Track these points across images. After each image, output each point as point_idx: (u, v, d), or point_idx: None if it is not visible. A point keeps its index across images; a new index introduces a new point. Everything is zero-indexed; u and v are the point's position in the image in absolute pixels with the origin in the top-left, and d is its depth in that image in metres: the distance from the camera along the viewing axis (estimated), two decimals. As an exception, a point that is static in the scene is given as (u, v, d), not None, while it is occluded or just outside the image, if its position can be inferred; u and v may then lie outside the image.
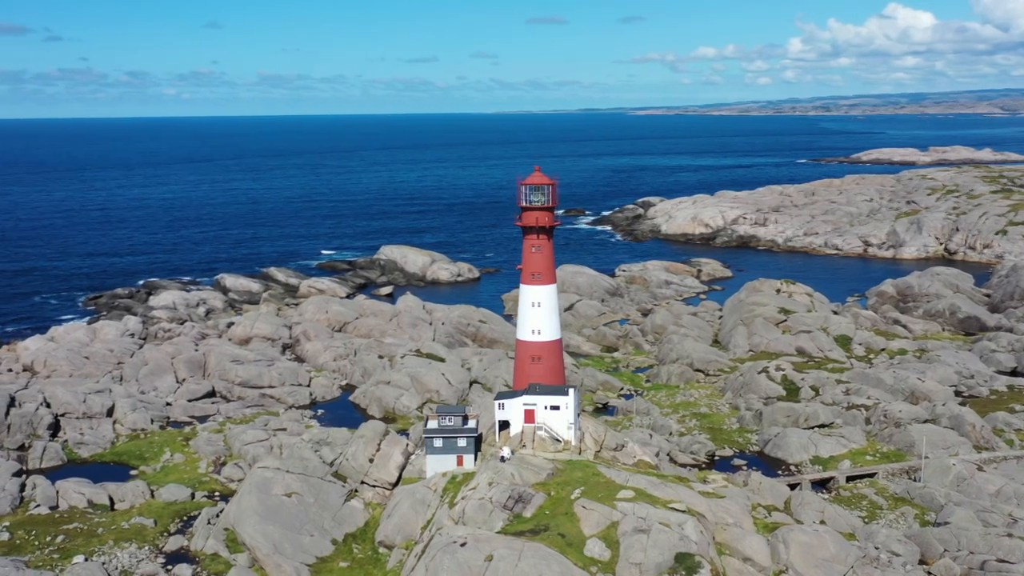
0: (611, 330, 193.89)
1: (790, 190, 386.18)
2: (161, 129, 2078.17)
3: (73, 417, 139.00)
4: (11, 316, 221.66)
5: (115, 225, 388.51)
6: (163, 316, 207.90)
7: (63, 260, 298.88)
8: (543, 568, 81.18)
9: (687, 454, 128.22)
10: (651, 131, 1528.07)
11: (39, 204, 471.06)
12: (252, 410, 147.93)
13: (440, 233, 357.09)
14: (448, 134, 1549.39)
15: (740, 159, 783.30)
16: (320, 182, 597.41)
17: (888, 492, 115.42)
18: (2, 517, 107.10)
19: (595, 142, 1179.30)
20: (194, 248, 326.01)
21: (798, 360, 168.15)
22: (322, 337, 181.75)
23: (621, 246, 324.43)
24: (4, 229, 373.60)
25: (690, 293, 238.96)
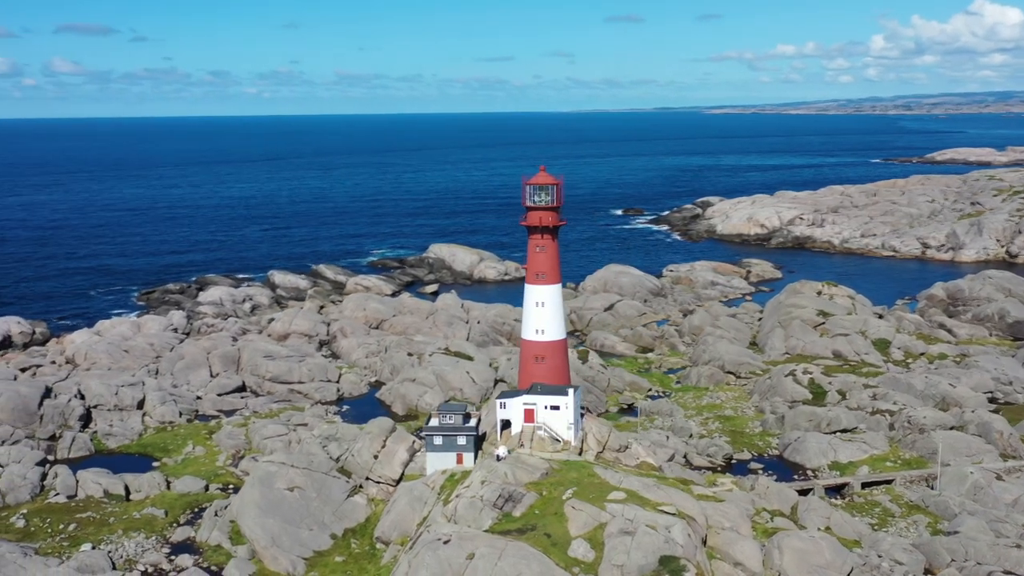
0: (647, 331, 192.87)
1: (851, 190, 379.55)
2: (242, 127, 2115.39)
3: (105, 409, 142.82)
4: (68, 310, 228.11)
5: (179, 222, 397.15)
6: (209, 311, 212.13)
7: (124, 256, 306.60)
8: (522, 567, 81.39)
9: (704, 457, 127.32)
10: (724, 130, 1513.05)
11: (111, 201, 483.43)
12: (279, 405, 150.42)
13: (496, 232, 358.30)
14: (522, 133, 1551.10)
15: (811, 159, 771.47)
16: (385, 181, 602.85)
17: (903, 500, 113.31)
18: (21, 505, 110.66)
19: (666, 141, 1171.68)
20: (252, 245, 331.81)
21: (832, 364, 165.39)
22: (358, 334, 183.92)
23: (675, 246, 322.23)
24: (74, 225, 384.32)
25: (736, 294, 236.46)
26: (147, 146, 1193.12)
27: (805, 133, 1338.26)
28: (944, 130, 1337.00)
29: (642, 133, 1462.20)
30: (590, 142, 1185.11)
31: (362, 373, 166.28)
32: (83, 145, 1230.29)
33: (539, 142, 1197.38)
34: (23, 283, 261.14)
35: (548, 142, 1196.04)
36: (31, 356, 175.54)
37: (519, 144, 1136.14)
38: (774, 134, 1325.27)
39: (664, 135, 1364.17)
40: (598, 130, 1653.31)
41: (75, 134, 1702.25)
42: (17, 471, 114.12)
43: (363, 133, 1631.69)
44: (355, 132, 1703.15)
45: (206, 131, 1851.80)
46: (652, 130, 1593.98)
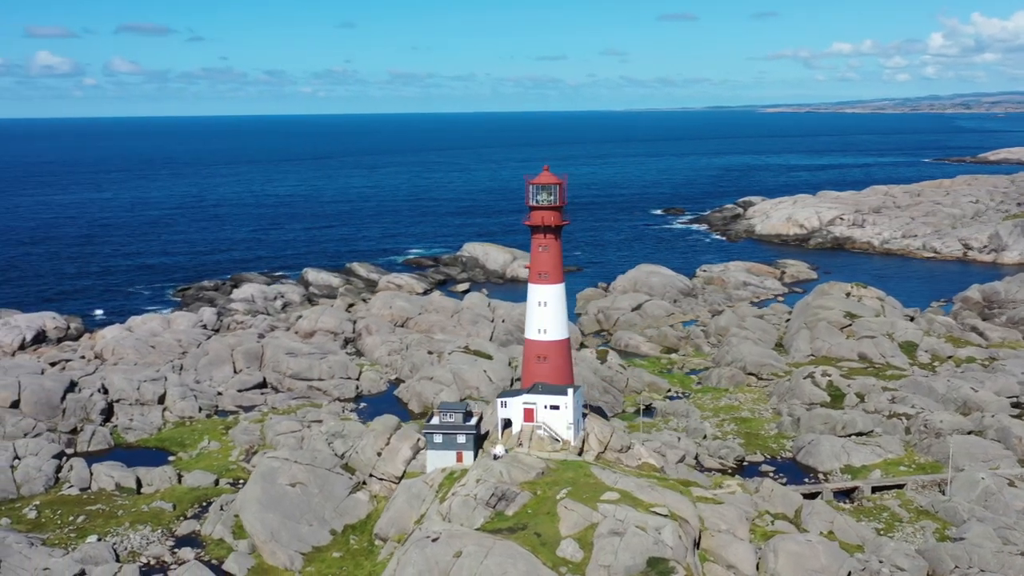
0: (673, 331, 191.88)
1: (895, 190, 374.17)
2: (295, 126, 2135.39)
3: (126, 403, 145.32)
4: (106, 305, 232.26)
5: (224, 219, 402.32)
6: (240, 308, 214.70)
7: (166, 253, 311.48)
8: (508, 566, 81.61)
9: (715, 458, 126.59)
10: (777, 129, 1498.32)
11: (160, 199, 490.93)
12: (297, 401, 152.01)
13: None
14: (574, 132, 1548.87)
15: (862, 158, 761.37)
16: (431, 180, 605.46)
17: (913, 505, 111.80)
18: (35, 496, 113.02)
19: (717, 140, 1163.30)
20: (291, 243, 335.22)
21: (857, 366, 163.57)
22: (383, 332, 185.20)
23: (712, 246, 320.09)
24: (121, 223, 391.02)
25: (768, 295, 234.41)
26: (201, 145, 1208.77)
27: (859, 132, 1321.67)
28: (1002, 129, 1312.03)
29: (694, 132, 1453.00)
30: (640, 141, 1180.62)
31: (383, 371, 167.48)
32: (139, 144, 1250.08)
33: (590, 141, 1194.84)
34: (65, 279, 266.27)
35: (599, 141, 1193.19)
36: (62, 351, 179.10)
37: (570, 143, 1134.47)
38: (828, 133, 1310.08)
39: (716, 134, 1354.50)
40: (650, 129, 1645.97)
41: (132, 133, 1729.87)
42: (33, 463, 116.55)
43: (415, 132, 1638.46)
44: (407, 131, 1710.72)
45: (260, 130, 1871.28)
46: (704, 129, 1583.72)
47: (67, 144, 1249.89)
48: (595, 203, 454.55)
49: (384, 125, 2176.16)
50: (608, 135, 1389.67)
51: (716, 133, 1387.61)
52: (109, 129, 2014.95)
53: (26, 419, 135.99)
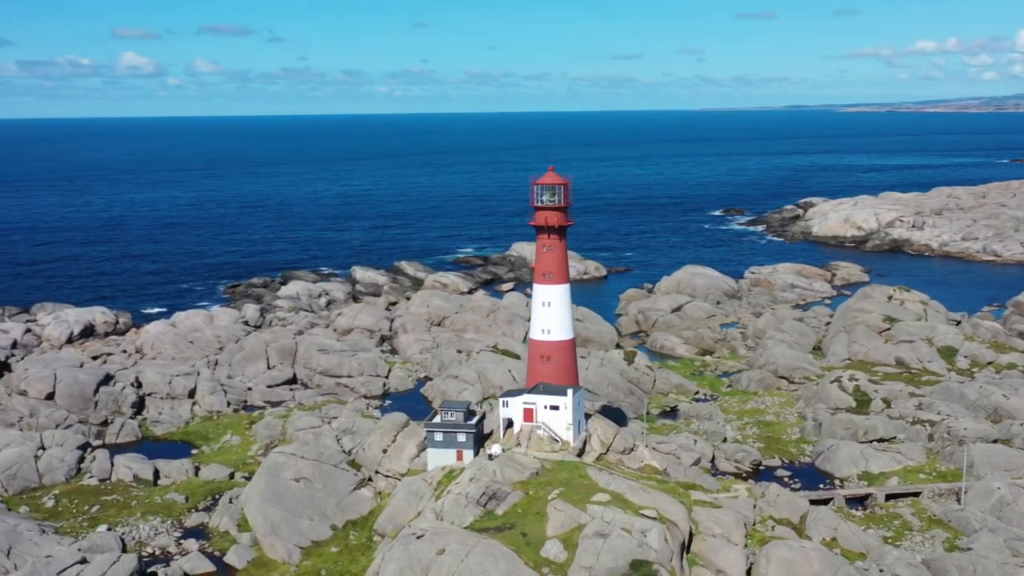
0: (710, 333, 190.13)
1: (959, 192, 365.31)
2: (371, 126, 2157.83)
3: (158, 397, 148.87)
4: (160, 301, 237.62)
5: (285, 217, 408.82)
6: (284, 305, 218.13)
7: (224, 250, 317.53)
8: (488, 565, 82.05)
9: (731, 462, 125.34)
10: (855, 129, 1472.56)
11: (227, 197, 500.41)
12: (324, 398, 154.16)
13: (588, 230, 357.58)
14: (648, 131, 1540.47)
15: (938, 159, 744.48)
16: (495, 179, 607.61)
17: (926, 513, 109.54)
18: (56, 485, 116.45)
19: (791, 140, 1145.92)
20: (348, 241, 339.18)
21: (892, 371, 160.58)
22: (418, 330, 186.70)
23: (767, 247, 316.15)
24: (185, 221, 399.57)
25: (815, 297, 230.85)
26: (276, 144, 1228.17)
27: (939, 132, 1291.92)
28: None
29: (768, 132, 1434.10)
30: (712, 141, 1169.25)
31: (412, 369, 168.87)
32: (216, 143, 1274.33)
33: (662, 141, 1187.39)
34: (123, 275, 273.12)
35: (671, 141, 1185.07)
36: (107, 345, 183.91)
37: (641, 143, 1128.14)
38: (906, 133, 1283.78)
39: (791, 134, 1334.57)
40: (724, 129, 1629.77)
41: (212, 132, 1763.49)
42: (56, 454, 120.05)
43: (488, 132, 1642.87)
44: (481, 130, 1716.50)
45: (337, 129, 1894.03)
46: (779, 129, 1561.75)
47: (148, 143, 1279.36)
48: (656, 203, 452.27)
49: (459, 124, 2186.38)
50: (681, 135, 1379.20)
51: (791, 133, 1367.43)
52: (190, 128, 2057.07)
53: (59, 410, 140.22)
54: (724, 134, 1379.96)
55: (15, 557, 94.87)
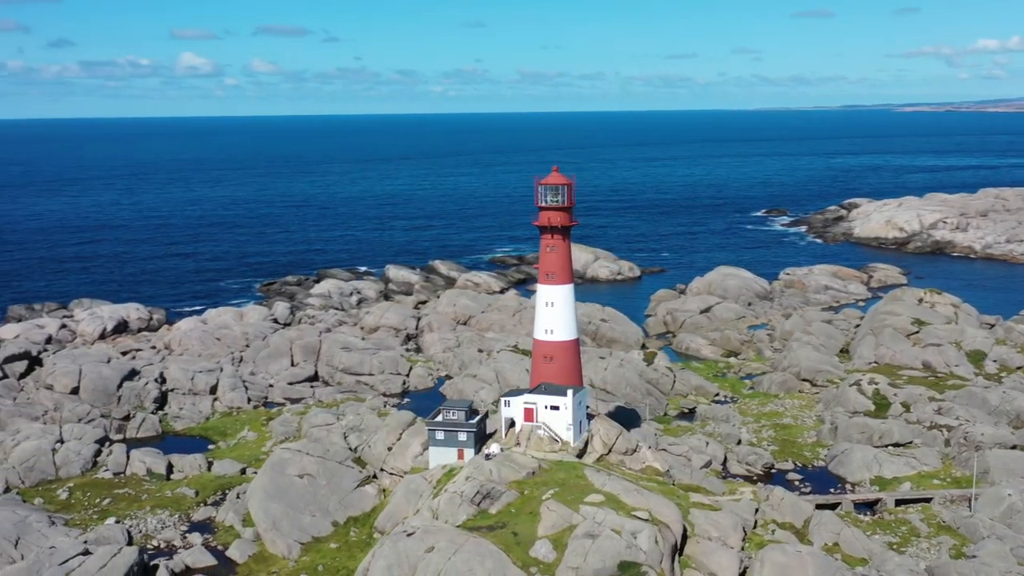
0: (737, 334, 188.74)
1: (1007, 193, 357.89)
2: (426, 125, 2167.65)
3: (180, 393, 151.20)
4: (196, 298, 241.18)
5: (329, 216, 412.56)
6: (315, 303, 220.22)
7: (265, 248, 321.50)
8: (475, 564, 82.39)
9: (743, 465, 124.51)
10: (912, 129, 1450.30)
11: (274, 196, 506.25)
12: (344, 395, 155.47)
13: (628, 231, 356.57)
14: (701, 131, 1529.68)
15: (991, 159, 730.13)
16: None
17: (936, 519, 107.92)
18: (71, 478, 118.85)
19: (846, 140, 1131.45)
20: (387, 240, 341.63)
21: (918, 375, 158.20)
22: (443, 329, 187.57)
23: (806, 249, 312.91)
24: (231, 218, 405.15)
25: (849, 300, 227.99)
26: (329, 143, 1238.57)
27: (998, 132, 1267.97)
28: None
29: (822, 132, 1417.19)
30: (764, 141, 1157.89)
31: (433, 367, 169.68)
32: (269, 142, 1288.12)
33: (714, 141, 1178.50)
34: (164, 272, 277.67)
35: (723, 140, 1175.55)
36: (138, 341, 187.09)
37: (693, 143, 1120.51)
38: (964, 133, 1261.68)
39: (845, 134, 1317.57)
40: (777, 129, 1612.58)
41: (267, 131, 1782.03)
42: (73, 447, 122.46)
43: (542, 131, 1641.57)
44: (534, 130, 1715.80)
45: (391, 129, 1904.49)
46: (834, 129, 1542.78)
47: (204, 143, 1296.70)
48: (699, 204, 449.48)
49: (511, 124, 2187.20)
50: (733, 135, 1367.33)
51: (845, 133, 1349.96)
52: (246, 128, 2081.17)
53: (83, 405, 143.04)
54: (777, 134, 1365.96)
55: (23, 547, 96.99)
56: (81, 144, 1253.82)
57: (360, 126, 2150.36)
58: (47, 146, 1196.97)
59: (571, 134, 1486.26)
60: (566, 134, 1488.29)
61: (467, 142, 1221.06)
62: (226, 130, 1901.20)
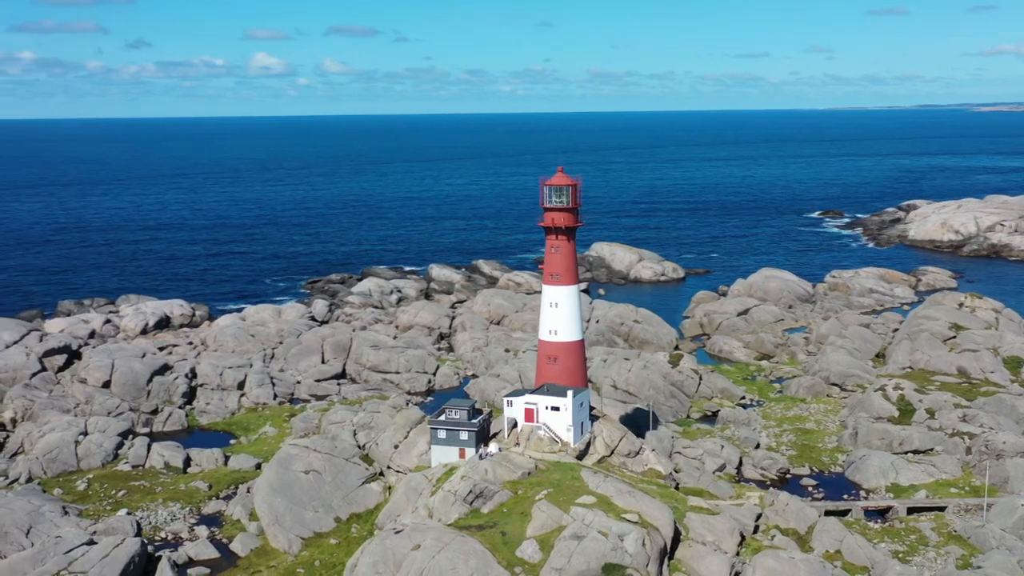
0: (771, 338, 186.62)
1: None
2: (494, 125, 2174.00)
3: (208, 388, 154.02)
4: (242, 295, 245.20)
5: (382, 215, 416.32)
6: (355, 301, 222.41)
7: (316, 246, 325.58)
8: (458, 562, 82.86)
9: (757, 469, 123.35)
10: (987, 129, 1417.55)
11: (332, 195, 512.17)
12: (368, 393, 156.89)
13: (680, 233, 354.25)
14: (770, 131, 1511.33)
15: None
16: (598, 179, 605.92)
17: (947, 529, 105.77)
18: (91, 470, 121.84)
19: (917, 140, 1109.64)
20: (437, 239, 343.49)
21: (952, 381, 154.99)
22: (475, 329, 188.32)
23: (857, 251, 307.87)
24: (288, 216, 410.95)
25: (894, 303, 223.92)
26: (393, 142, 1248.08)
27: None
28: None
29: (894, 132, 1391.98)
30: (833, 141, 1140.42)
31: (461, 366, 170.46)
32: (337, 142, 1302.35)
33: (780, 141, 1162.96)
34: (215, 270, 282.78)
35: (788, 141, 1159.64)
36: (177, 336, 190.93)
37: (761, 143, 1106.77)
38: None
39: (918, 134, 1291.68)
40: (848, 129, 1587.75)
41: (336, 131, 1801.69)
42: (96, 440, 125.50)
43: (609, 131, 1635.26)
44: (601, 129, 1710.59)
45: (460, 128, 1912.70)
46: (906, 129, 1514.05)
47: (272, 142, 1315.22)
48: (755, 205, 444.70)
49: (580, 124, 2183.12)
50: (802, 135, 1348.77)
51: (918, 133, 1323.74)
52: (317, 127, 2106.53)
53: (113, 398, 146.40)
54: (847, 134, 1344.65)
55: (33, 536, 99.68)
56: (155, 143, 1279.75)
57: (428, 125, 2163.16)
58: (121, 145, 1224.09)
59: (638, 133, 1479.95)
60: (632, 134, 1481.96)
61: (532, 142, 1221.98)
62: (297, 130, 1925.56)
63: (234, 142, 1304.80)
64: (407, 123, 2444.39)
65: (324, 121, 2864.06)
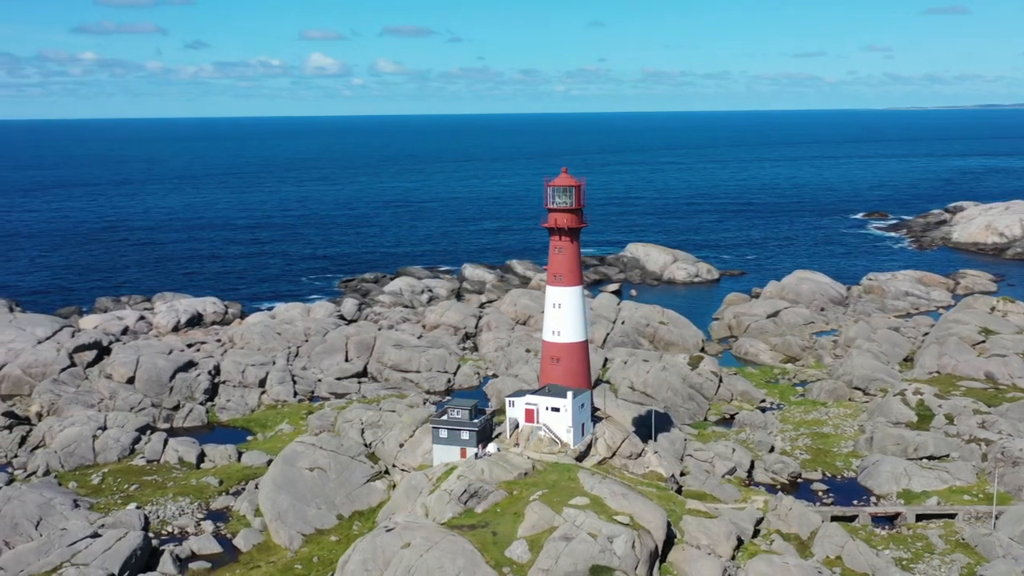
0: (798, 340, 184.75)
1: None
2: (547, 124, 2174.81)
3: (230, 385, 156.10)
4: (278, 294, 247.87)
5: (425, 215, 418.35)
6: (386, 300, 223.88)
7: (355, 245, 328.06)
8: (445, 561, 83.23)
9: (768, 473, 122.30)
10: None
11: (375, 193, 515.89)
12: (387, 391, 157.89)
13: (720, 235, 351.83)
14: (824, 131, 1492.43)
15: None
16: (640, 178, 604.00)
17: (955, 536, 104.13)
18: (107, 464, 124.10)
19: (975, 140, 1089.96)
20: (476, 239, 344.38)
21: (978, 386, 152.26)
22: (501, 329, 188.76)
23: (899, 253, 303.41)
24: (331, 215, 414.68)
25: (929, 307, 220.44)
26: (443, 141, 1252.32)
27: None
28: None
29: (951, 132, 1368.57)
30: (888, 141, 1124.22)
31: (483, 366, 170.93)
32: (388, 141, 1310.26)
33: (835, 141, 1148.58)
34: (252, 268, 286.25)
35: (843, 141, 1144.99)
36: (207, 333, 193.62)
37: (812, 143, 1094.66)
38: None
39: (977, 134, 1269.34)
40: (906, 128, 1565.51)
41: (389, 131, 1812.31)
42: (113, 435, 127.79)
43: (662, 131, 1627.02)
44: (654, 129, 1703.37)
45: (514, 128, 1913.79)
46: (965, 129, 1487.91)
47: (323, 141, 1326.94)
48: (799, 206, 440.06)
49: (633, 124, 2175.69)
50: (859, 135, 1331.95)
51: (978, 133, 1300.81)
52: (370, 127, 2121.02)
53: (136, 394, 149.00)
54: (903, 135, 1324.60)
55: (43, 528, 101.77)
56: (211, 143, 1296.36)
57: (481, 125, 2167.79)
58: (178, 144, 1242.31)
59: (690, 133, 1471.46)
60: (684, 133, 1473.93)
61: (583, 142, 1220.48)
62: (351, 129, 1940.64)
63: (287, 142, 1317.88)
64: (460, 123, 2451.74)
65: (378, 121, 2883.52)
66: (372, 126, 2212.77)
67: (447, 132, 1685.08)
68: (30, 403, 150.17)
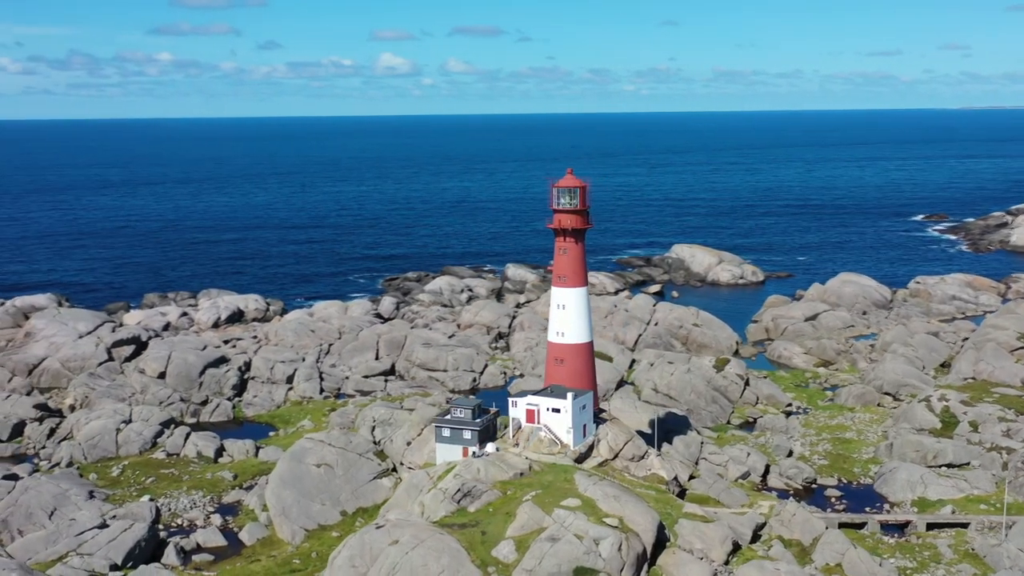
0: (833, 344, 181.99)
1: None
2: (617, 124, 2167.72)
3: (259, 381, 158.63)
4: (321, 293, 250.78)
5: (475, 214, 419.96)
6: (426, 299, 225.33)
7: (403, 244, 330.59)
8: (430, 559, 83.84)
9: (783, 478, 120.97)
10: None
11: (430, 193, 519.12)
12: (412, 390, 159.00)
13: (770, 235, 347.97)
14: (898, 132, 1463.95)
15: None
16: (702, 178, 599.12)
17: (965, 546, 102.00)
18: (128, 457, 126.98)
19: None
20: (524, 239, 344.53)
21: (1014, 393, 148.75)
22: (533, 329, 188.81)
23: (954, 256, 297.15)
24: (387, 214, 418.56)
25: (976, 312, 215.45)
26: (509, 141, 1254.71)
27: None
28: None
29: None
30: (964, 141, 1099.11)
31: (510, 365, 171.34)
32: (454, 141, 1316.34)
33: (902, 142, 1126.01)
34: (300, 265, 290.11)
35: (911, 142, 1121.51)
36: (245, 330, 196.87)
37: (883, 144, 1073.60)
38: None
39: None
40: (982, 128, 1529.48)
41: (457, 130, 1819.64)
42: (136, 428, 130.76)
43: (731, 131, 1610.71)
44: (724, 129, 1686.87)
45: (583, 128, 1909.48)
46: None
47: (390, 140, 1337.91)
48: (858, 207, 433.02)
49: (703, 123, 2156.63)
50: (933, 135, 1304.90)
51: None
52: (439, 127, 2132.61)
53: (166, 388, 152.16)
54: (978, 135, 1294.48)
55: (56, 518, 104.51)
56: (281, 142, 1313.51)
57: (550, 125, 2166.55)
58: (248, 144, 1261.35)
59: (760, 134, 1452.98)
60: (754, 134, 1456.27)
61: (649, 142, 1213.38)
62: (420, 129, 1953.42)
63: (354, 141, 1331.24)
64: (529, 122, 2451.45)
65: (447, 120, 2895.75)
66: (441, 126, 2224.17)
67: (515, 132, 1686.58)
68: (65, 396, 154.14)
